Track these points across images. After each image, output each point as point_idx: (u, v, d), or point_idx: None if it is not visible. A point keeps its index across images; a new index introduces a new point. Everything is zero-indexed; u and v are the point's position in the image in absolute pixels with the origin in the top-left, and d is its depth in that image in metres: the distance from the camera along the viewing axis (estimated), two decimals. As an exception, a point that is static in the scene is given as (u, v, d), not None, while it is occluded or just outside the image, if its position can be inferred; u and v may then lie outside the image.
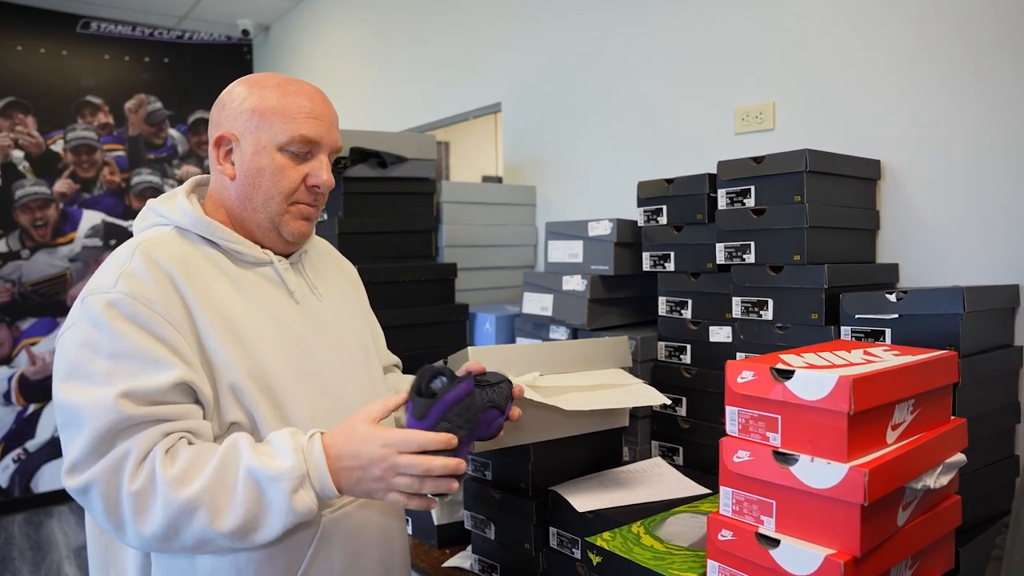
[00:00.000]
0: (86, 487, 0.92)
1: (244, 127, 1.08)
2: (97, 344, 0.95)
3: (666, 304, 1.74)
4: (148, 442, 0.93)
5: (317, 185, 1.12)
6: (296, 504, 0.93)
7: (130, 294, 0.97)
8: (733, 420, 1.06)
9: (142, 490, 0.91)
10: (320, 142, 1.10)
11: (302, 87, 1.11)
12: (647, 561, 1.16)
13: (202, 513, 0.91)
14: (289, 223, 1.12)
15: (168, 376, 0.95)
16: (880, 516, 0.98)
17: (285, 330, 1.10)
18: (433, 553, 1.75)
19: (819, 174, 1.48)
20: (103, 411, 0.92)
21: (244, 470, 0.93)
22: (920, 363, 1.06)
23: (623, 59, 2.29)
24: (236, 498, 0.92)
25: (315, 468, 0.95)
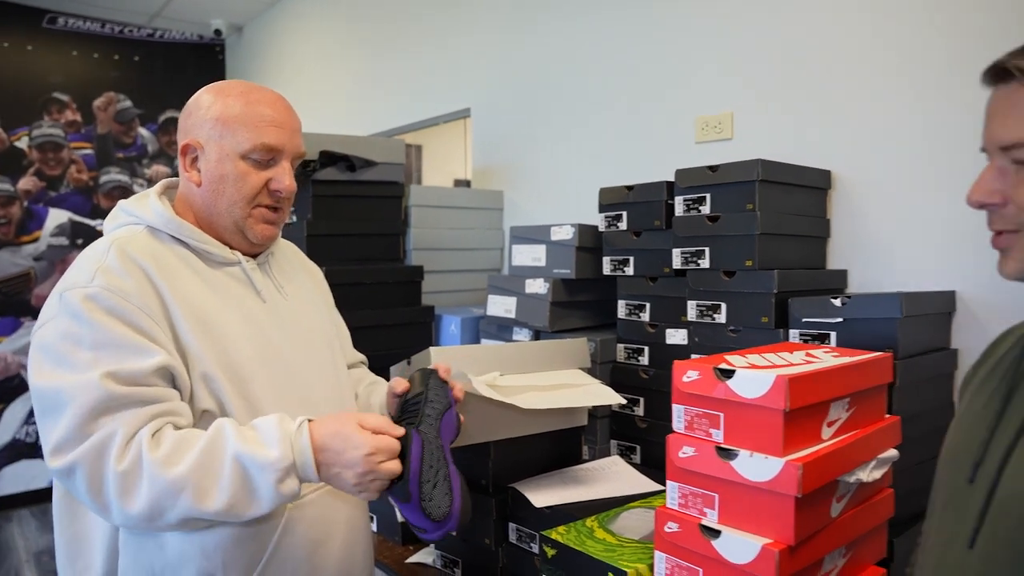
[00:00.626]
0: (71, 468, 0.94)
1: (208, 135, 1.12)
2: (79, 336, 0.98)
3: (625, 307, 1.80)
4: (134, 423, 0.96)
5: (279, 190, 1.15)
6: (282, 490, 0.97)
7: (107, 287, 1.00)
8: (680, 417, 1.11)
9: (129, 470, 0.94)
10: (282, 149, 1.14)
11: (265, 95, 1.15)
12: (599, 553, 1.20)
13: (187, 494, 0.94)
14: (253, 227, 1.15)
15: (152, 361, 0.99)
16: (814, 507, 1.03)
17: (253, 326, 1.14)
18: (397, 549, 1.78)
19: (770, 183, 1.54)
20: (88, 389, 0.94)
21: (231, 455, 0.96)
22: (855, 364, 1.12)
23: (589, 68, 2.35)
24: (223, 481, 0.95)
25: (300, 456, 0.98)
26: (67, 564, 1.10)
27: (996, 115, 0.76)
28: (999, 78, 0.76)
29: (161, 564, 1.05)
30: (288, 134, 1.15)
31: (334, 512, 1.20)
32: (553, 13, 2.47)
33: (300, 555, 1.13)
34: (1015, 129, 0.74)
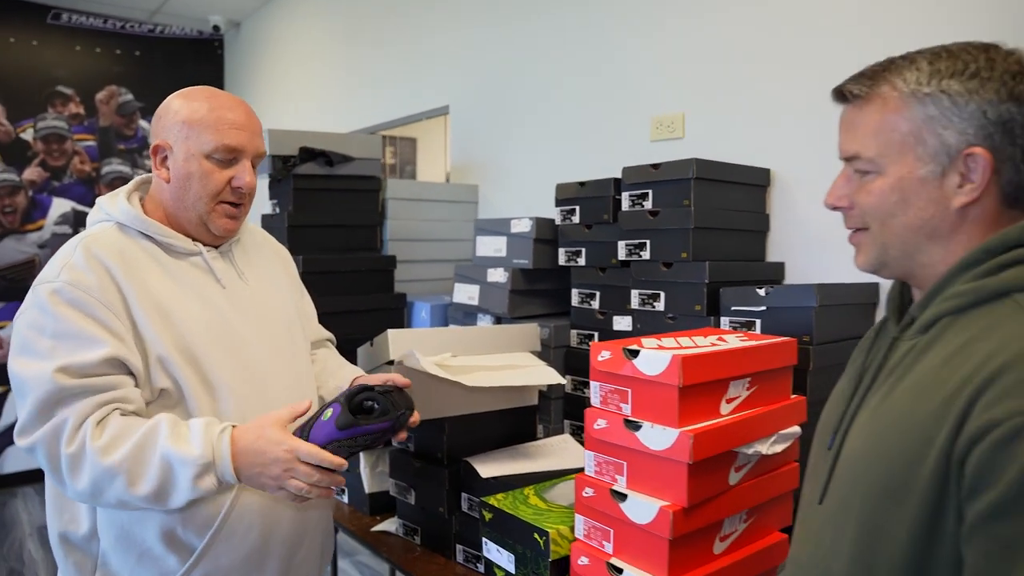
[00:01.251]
0: (32, 447, 1.10)
1: (176, 137, 1.24)
2: (42, 326, 1.12)
3: (578, 295, 1.91)
4: (83, 412, 1.09)
5: (240, 186, 1.26)
6: (198, 485, 1.09)
7: (71, 283, 1.13)
8: (596, 393, 1.23)
9: (76, 453, 1.08)
10: (243, 149, 1.25)
11: (227, 100, 1.27)
12: (528, 516, 1.33)
13: (120, 480, 1.08)
14: (216, 220, 1.27)
15: (99, 352, 1.11)
16: (710, 474, 1.15)
17: (211, 310, 1.26)
18: (364, 519, 1.91)
19: (706, 180, 1.65)
20: (43, 383, 1.09)
21: (160, 449, 1.09)
22: (755, 347, 1.23)
23: (555, 69, 2.46)
24: (150, 472, 1.08)
25: (220, 459, 1.09)
26: (55, 516, 1.24)
27: (841, 130, 0.88)
28: (842, 99, 0.87)
29: (128, 518, 1.18)
30: (248, 136, 1.26)
31: None
32: (524, 17, 2.58)
33: (255, 507, 1.24)
34: (852, 144, 0.85)
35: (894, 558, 0.73)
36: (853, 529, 0.78)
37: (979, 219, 0.80)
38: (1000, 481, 0.65)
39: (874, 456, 0.78)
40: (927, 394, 0.74)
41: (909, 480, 0.72)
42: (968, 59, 0.79)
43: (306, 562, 1.35)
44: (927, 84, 0.79)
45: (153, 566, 1.19)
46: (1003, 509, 0.65)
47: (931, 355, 0.77)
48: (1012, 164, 0.77)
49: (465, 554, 1.62)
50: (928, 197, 0.80)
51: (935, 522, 0.71)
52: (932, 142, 0.78)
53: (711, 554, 1.20)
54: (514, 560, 1.35)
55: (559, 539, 1.27)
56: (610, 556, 1.20)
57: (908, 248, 0.83)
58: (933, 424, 0.71)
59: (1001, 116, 0.76)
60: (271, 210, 2.43)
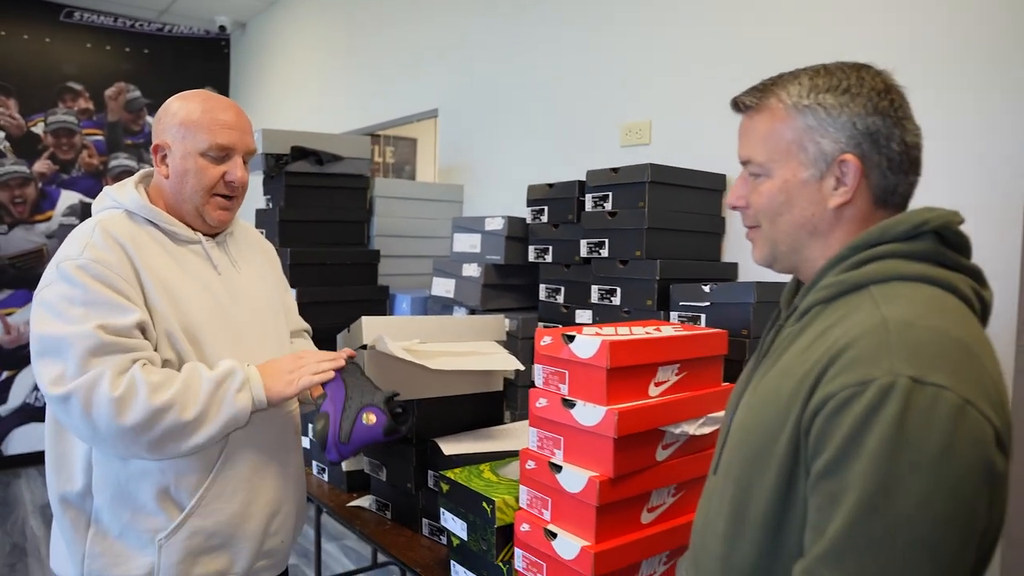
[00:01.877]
0: (67, 396, 1.20)
1: (174, 137, 1.36)
2: (72, 297, 1.24)
3: (545, 290, 2.04)
4: (120, 365, 1.22)
5: (233, 181, 1.39)
6: (237, 400, 1.26)
7: (94, 259, 1.26)
8: (539, 375, 1.35)
9: (124, 395, 1.20)
10: (233, 147, 1.38)
11: (220, 103, 1.40)
12: (480, 488, 1.45)
13: (175, 409, 1.22)
14: (211, 212, 1.40)
15: (132, 317, 1.25)
16: (636, 449, 1.27)
17: (209, 294, 1.39)
18: (342, 496, 2.04)
19: (661, 184, 1.78)
20: (85, 337, 1.20)
21: (205, 378, 1.26)
22: (684, 336, 1.35)
23: (536, 78, 2.59)
24: (200, 395, 1.24)
25: (253, 379, 1.30)
26: (54, 475, 1.36)
27: (739, 138, 0.99)
28: (737, 109, 0.99)
29: (125, 477, 1.31)
30: (239, 135, 1.39)
31: (268, 445, 1.45)
32: (508, 31, 2.71)
33: (241, 475, 1.38)
34: (746, 149, 0.97)
35: (759, 515, 0.84)
36: (731, 493, 0.89)
37: (853, 218, 0.90)
38: (831, 444, 0.75)
39: (748, 428, 0.89)
40: (791, 373, 0.85)
41: (772, 448, 0.83)
42: (842, 76, 0.89)
43: (283, 527, 1.48)
44: (806, 97, 0.89)
45: (145, 522, 1.31)
46: (830, 468, 0.75)
47: (801, 340, 0.88)
48: (879, 170, 0.88)
49: (430, 527, 1.74)
50: (809, 198, 0.90)
51: (791, 484, 0.81)
52: (812, 149, 0.89)
53: (639, 523, 1.32)
54: (466, 528, 1.47)
55: (505, 508, 1.40)
56: (548, 523, 1.32)
57: (794, 244, 0.93)
58: (791, 399, 0.82)
59: (868, 127, 0.87)
60: (265, 205, 2.56)
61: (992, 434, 0.73)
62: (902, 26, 1.64)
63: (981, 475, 0.72)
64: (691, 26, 2.07)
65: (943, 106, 1.57)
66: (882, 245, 0.86)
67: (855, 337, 0.78)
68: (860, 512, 0.72)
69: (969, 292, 0.84)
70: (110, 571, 1.31)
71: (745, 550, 0.86)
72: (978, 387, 0.74)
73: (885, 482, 0.71)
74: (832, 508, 0.75)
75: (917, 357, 0.73)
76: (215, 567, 1.36)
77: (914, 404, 0.71)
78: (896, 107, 0.88)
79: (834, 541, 0.73)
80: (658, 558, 1.35)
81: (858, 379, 0.74)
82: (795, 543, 0.81)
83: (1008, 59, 1.48)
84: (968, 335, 0.77)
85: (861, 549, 0.72)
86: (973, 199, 1.52)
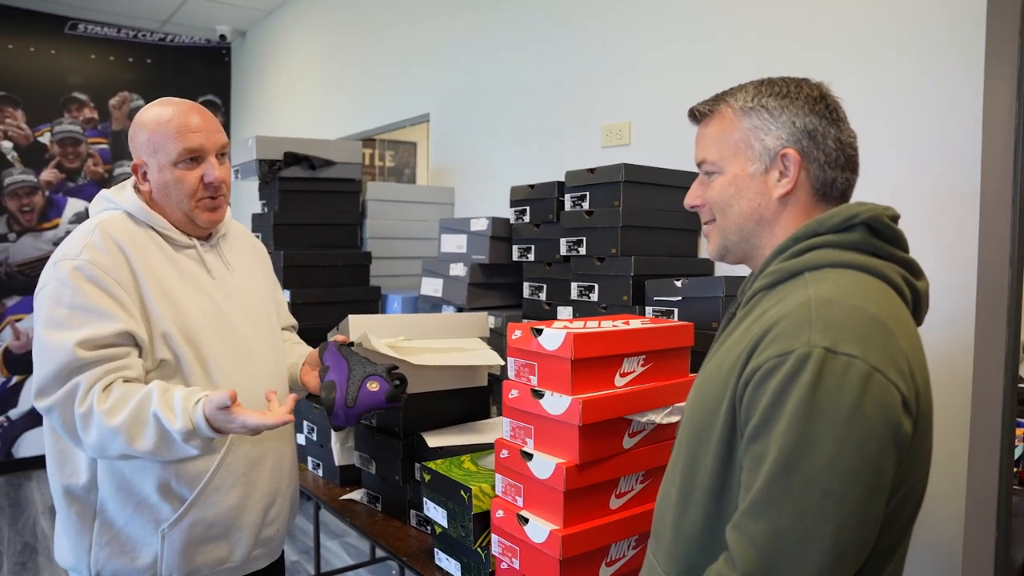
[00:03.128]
0: (49, 409, 1.27)
1: (147, 154, 1.40)
2: (60, 296, 1.29)
3: (528, 288, 2.10)
4: (93, 378, 1.27)
5: (211, 181, 1.42)
6: (189, 446, 1.27)
7: (91, 261, 1.31)
8: (511, 367, 1.41)
9: (85, 413, 1.26)
10: (203, 147, 1.40)
11: (179, 109, 1.41)
12: (459, 477, 1.52)
13: (122, 438, 1.26)
14: (199, 215, 1.44)
15: (114, 326, 1.29)
16: (603, 437, 1.33)
17: (205, 296, 1.45)
18: (335, 490, 2.11)
19: (635, 184, 1.84)
20: (64, 353, 1.26)
21: (152, 414, 1.26)
22: (650, 329, 1.41)
23: (521, 82, 2.65)
24: (148, 431, 1.27)
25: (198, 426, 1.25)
26: (56, 471, 1.41)
27: (695, 144, 1.06)
28: (693, 118, 1.06)
29: (129, 470, 1.37)
30: (205, 134, 1.40)
31: (266, 442, 1.51)
32: (495, 39, 2.78)
33: (239, 468, 1.44)
34: (701, 151, 1.04)
35: (705, 482, 0.92)
36: (682, 463, 0.97)
37: (796, 208, 0.98)
38: (757, 410, 0.83)
39: (695, 404, 0.97)
40: (731, 352, 0.92)
41: (714, 419, 0.91)
42: (783, 84, 0.99)
43: (278, 517, 1.54)
44: (751, 101, 0.99)
45: (148, 514, 1.37)
46: (756, 431, 0.83)
47: (744, 323, 0.95)
48: (817, 164, 0.96)
49: (417, 518, 1.81)
50: (755, 189, 0.98)
51: (730, 452, 0.89)
52: (757, 146, 0.98)
53: (607, 508, 1.38)
54: (447, 516, 1.53)
55: (481, 495, 1.46)
56: (520, 509, 1.38)
57: (743, 233, 1.01)
58: (729, 374, 0.90)
59: (806, 126, 0.96)
60: (260, 210, 2.64)
61: (899, 399, 0.80)
62: (866, 35, 1.69)
63: (887, 435, 0.79)
64: (671, 31, 2.13)
65: (903, 112, 1.63)
66: (818, 236, 0.94)
67: (783, 314, 0.86)
68: (779, 468, 0.79)
69: (898, 279, 0.91)
70: (116, 560, 1.37)
71: (694, 515, 0.93)
72: (887, 358, 0.81)
73: (800, 441, 0.78)
74: (757, 468, 0.82)
75: (832, 330, 0.81)
76: (215, 555, 1.42)
77: (827, 371, 0.79)
78: (831, 110, 0.98)
79: (756, 495, 0.81)
80: (627, 542, 1.41)
81: (781, 350, 0.82)
82: (736, 506, 0.88)
83: (952, 70, 1.53)
84: (884, 313, 0.84)
85: (779, 501, 0.79)
86: (934, 199, 1.57)
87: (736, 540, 0.82)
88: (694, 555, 0.93)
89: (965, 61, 1.53)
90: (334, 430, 1.75)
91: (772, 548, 0.79)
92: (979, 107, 1.51)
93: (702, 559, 0.92)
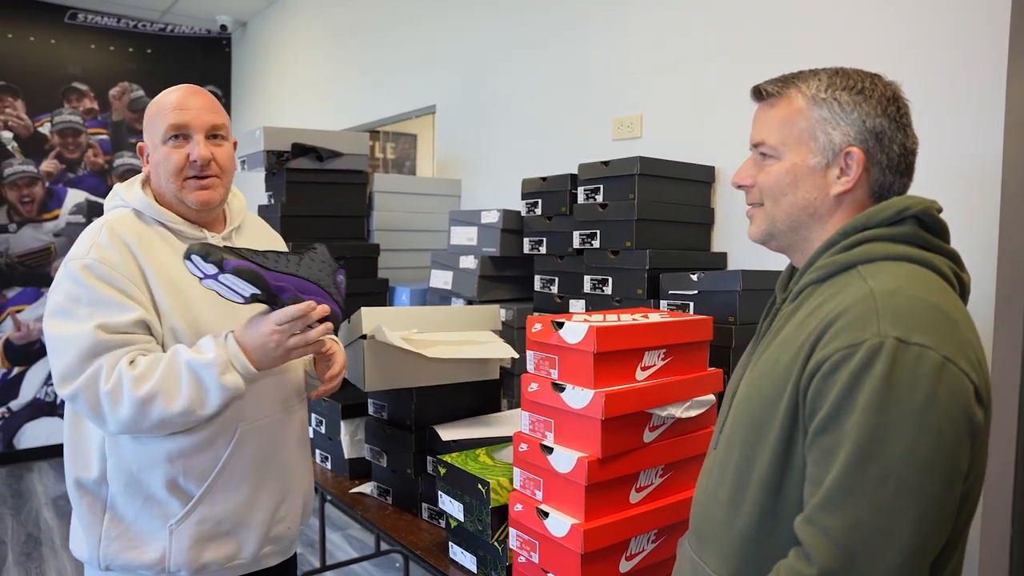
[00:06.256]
0: (74, 394, 1.27)
1: (146, 136, 1.44)
2: (78, 296, 1.30)
3: (539, 281, 2.09)
4: (115, 359, 1.28)
5: (196, 159, 1.39)
6: (225, 383, 1.28)
7: (99, 259, 1.31)
8: (530, 361, 1.41)
9: (113, 389, 1.25)
10: (188, 125, 1.39)
11: (176, 89, 1.42)
12: (475, 471, 1.51)
13: (160, 400, 1.26)
14: (188, 195, 1.41)
15: (131, 315, 1.30)
16: (624, 431, 1.33)
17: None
18: (345, 483, 2.10)
19: (650, 176, 1.83)
20: (85, 337, 1.27)
21: (184, 364, 1.28)
22: (670, 323, 1.41)
23: (530, 74, 2.63)
24: (182, 384, 1.27)
25: (234, 356, 1.30)
26: (71, 461, 1.41)
27: (754, 123, 1.04)
28: (758, 96, 1.04)
29: (137, 466, 1.36)
30: (193, 113, 1.39)
31: (275, 437, 1.50)
32: (503, 28, 2.75)
33: (248, 465, 1.43)
34: (761, 132, 1.02)
35: (761, 477, 0.91)
36: (734, 461, 0.96)
37: (850, 206, 0.97)
38: (826, 402, 0.82)
39: (750, 399, 0.96)
40: (788, 346, 0.91)
41: (772, 414, 0.90)
42: (857, 79, 0.97)
43: (289, 514, 1.53)
44: (824, 91, 0.97)
45: (156, 509, 1.36)
46: (826, 423, 0.82)
47: (796, 316, 0.95)
48: (879, 167, 0.96)
49: (429, 511, 1.81)
50: (813, 183, 0.97)
51: (790, 446, 0.88)
52: (822, 139, 0.96)
53: (627, 502, 1.38)
54: (463, 509, 1.53)
55: (499, 489, 1.45)
56: (540, 502, 1.38)
57: (793, 223, 1.00)
58: (789, 367, 0.89)
59: (876, 127, 0.95)
60: (267, 201, 2.62)
61: (971, 388, 0.81)
62: (888, 27, 1.68)
63: (962, 424, 0.79)
64: (682, 22, 2.12)
65: (924, 104, 1.62)
66: (869, 230, 0.93)
67: (846, 307, 0.86)
68: (854, 461, 0.79)
69: (948, 271, 0.92)
70: (125, 554, 1.37)
71: (748, 512, 0.92)
72: (957, 348, 0.81)
73: (875, 432, 0.78)
74: (829, 461, 0.81)
75: (901, 320, 0.81)
76: (224, 552, 1.41)
77: (900, 361, 0.79)
78: (901, 114, 0.97)
79: (831, 489, 0.80)
80: (646, 536, 1.41)
81: (849, 342, 0.82)
82: (794, 502, 0.88)
83: (980, 69, 1.52)
84: (946, 303, 0.85)
85: (855, 494, 0.78)
86: (956, 195, 1.57)
87: (810, 534, 0.81)
88: (749, 553, 0.92)
89: (988, 53, 1.52)
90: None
91: (850, 542, 0.78)
92: (1002, 100, 1.50)
93: (758, 557, 0.91)
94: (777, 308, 1.03)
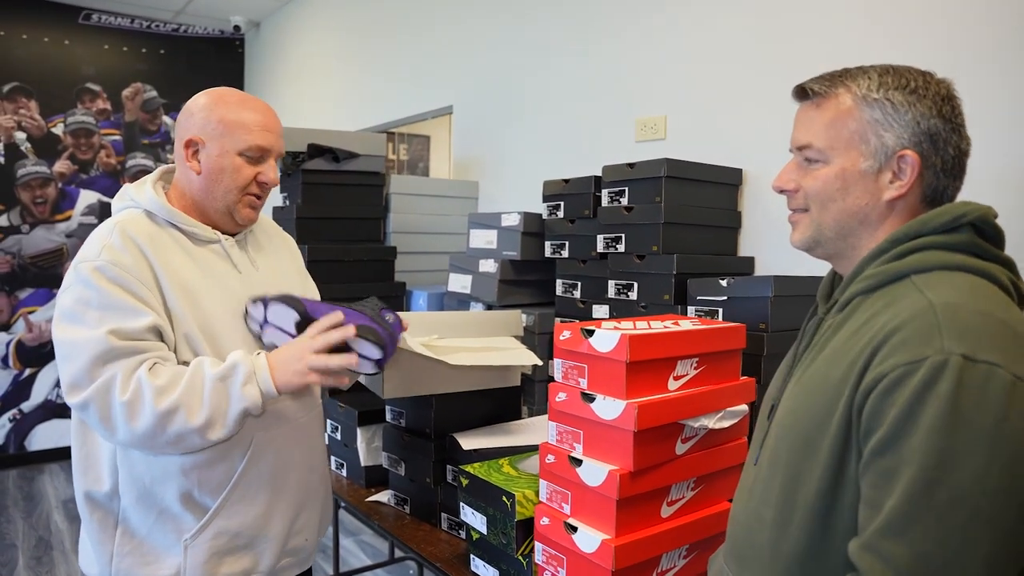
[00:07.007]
0: (84, 403, 1.22)
1: (211, 134, 1.36)
2: (88, 299, 1.25)
3: (562, 286, 2.05)
4: (130, 368, 1.23)
5: (266, 182, 1.40)
6: (245, 394, 1.24)
7: (111, 262, 1.27)
8: (558, 369, 1.36)
9: (132, 400, 1.21)
10: (270, 149, 1.40)
11: (259, 105, 1.41)
12: (500, 482, 1.46)
13: (181, 413, 1.22)
14: (241, 211, 1.40)
15: (145, 321, 1.25)
16: (656, 443, 1.28)
17: (229, 294, 1.40)
18: (360, 491, 2.06)
19: (677, 179, 1.78)
20: (96, 343, 1.22)
21: (208, 376, 1.25)
22: (703, 330, 1.35)
23: (550, 74, 2.59)
24: (204, 395, 1.23)
25: (259, 369, 1.27)
26: (81, 475, 1.37)
27: (797, 124, 0.99)
28: (803, 96, 0.99)
29: (150, 479, 1.32)
30: (275, 137, 1.40)
31: (292, 446, 1.46)
32: (523, 27, 2.71)
33: (264, 476, 1.39)
34: (806, 134, 0.97)
35: (809, 498, 0.85)
36: (780, 480, 0.90)
37: (902, 212, 0.92)
38: (885, 421, 0.77)
39: (796, 415, 0.90)
40: (838, 360, 0.86)
41: (823, 431, 0.85)
42: (910, 77, 0.91)
43: (307, 526, 1.49)
44: (876, 91, 0.91)
45: (170, 523, 1.32)
46: (884, 445, 0.77)
47: (845, 329, 0.89)
48: (933, 170, 0.90)
49: (449, 522, 1.76)
50: (864, 188, 0.92)
51: (841, 466, 0.83)
52: (874, 141, 0.91)
53: (658, 517, 1.33)
54: (486, 522, 1.48)
55: (524, 502, 1.41)
56: (568, 516, 1.33)
57: (842, 230, 0.95)
58: (841, 383, 0.84)
59: (930, 128, 0.89)
60: (281, 203, 2.59)
61: None
62: (924, 25, 1.63)
63: None
64: (706, 21, 2.07)
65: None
66: (922, 237, 0.88)
67: (904, 320, 0.80)
68: (919, 486, 0.74)
69: (1006, 281, 0.86)
70: (138, 571, 1.32)
71: (795, 535, 0.87)
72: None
73: (942, 456, 0.73)
74: (888, 484, 0.76)
75: (967, 336, 0.76)
76: (240, 566, 1.37)
77: (967, 380, 0.74)
78: (956, 114, 0.92)
79: (894, 515, 0.75)
80: (678, 552, 1.36)
81: (910, 358, 0.77)
82: (846, 525, 0.83)
83: (1029, 49, 1.47)
84: (1011, 318, 0.80)
85: (921, 521, 0.73)
86: (1009, 198, 1.51)
87: (870, 562, 0.76)
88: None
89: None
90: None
91: (915, 573, 0.73)
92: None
93: None
94: (820, 318, 0.98)
